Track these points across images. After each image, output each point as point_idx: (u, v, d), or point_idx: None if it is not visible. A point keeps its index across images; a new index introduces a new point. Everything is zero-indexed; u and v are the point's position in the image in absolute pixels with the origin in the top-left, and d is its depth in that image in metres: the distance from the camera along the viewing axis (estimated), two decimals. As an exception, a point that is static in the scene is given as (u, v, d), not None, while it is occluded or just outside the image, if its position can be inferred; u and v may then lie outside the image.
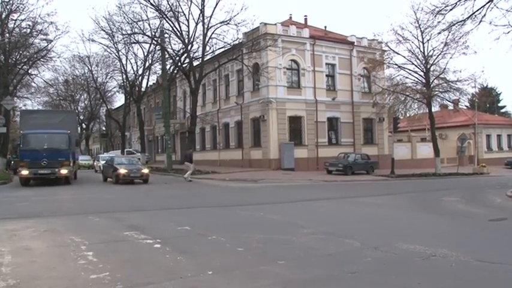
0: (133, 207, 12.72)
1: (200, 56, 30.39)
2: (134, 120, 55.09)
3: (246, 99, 33.98)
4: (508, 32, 17.63)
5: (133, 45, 37.77)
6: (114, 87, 52.96)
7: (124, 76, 43.38)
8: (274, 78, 30.87)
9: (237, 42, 30.08)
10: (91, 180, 24.29)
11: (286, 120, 31.67)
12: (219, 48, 30.88)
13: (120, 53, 41.29)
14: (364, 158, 30.62)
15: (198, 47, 30.79)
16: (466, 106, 42.40)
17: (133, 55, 44.55)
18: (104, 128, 65.94)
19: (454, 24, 20.49)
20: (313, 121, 32.68)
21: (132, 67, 49.67)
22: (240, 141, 34.82)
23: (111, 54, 42.62)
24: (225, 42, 29.83)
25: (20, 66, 32.62)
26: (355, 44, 35.30)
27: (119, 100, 61.62)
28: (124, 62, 42.41)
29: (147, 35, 32.83)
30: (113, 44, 39.27)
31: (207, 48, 30.02)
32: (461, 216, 11.50)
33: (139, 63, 41.52)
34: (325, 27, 38.33)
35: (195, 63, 31.37)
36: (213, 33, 29.42)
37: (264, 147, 31.55)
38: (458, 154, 34.02)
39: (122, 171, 21.15)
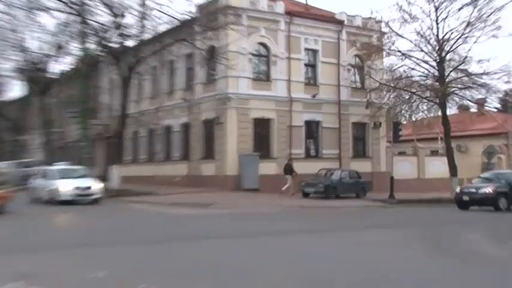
0: (20, 245, 12.03)
1: (135, 33, 29.99)
2: (38, 118, 53.65)
3: (196, 94, 34.15)
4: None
5: (39, 12, 36.65)
6: (8, 71, 51.33)
7: (24, 56, 42.02)
8: (236, 67, 30.85)
9: (187, 17, 29.63)
10: None
11: (249, 123, 31.90)
12: (161, 24, 30.39)
13: (19, 23, 39.97)
14: (354, 177, 30.85)
15: (134, 22, 30.25)
16: (495, 108, 42.41)
17: (39, 27, 43.33)
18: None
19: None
20: (285, 125, 32.99)
21: (36, 44, 48.16)
22: (187, 151, 34.97)
23: (4, 23, 41.19)
24: (170, 16, 29.32)
25: None
26: (346, 23, 35.83)
27: (15, 90, 59.82)
28: (25, 36, 41.14)
29: (61, 0, 31.98)
30: (8, 9, 37.97)
31: (145, 22, 29.55)
32: (487, 261, 11.26)
33: (47, 38, 40.43)
34: (306, 0, 38.48)
35: (128, 42, 30.97)
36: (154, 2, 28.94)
37: (219, 160, 31.68)
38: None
39: None
